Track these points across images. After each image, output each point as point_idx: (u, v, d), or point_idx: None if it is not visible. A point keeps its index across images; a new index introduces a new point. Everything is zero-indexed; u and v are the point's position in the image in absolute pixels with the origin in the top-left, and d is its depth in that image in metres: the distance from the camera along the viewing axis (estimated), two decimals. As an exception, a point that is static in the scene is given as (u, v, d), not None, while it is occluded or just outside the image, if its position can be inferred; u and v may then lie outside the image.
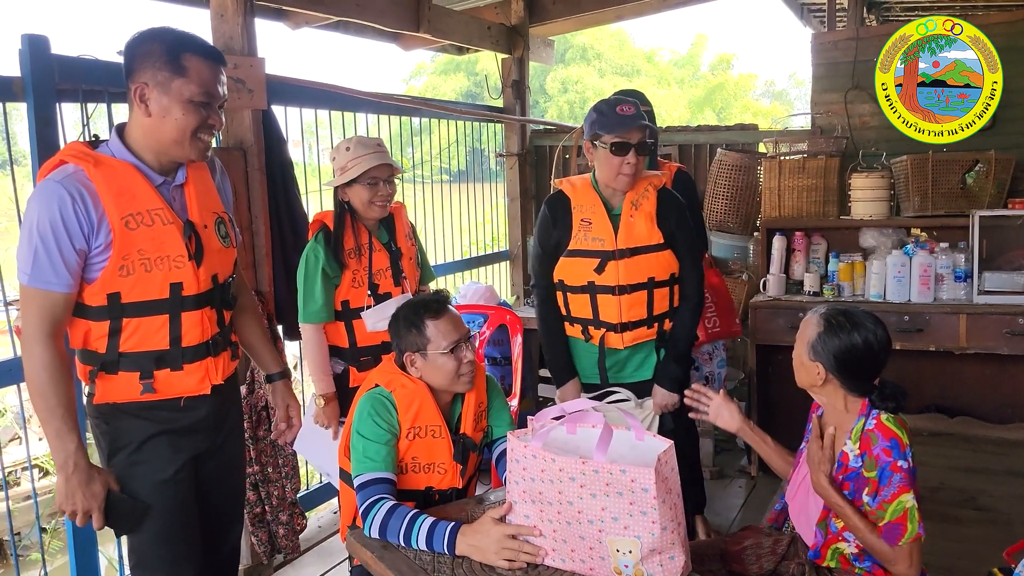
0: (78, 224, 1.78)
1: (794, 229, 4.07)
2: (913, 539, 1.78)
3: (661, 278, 2.66)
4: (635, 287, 2.64)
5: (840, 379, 1.92)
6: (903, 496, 1.78)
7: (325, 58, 52.97)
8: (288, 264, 3.23)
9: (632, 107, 2.54)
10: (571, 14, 5.19)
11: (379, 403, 2.07)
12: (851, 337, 1.88)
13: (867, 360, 1.89)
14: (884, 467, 1.81)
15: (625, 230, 2.62)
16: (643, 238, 2.62)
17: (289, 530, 3.19)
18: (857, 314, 1.93)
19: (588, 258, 2.66)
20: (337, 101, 3.85)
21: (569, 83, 29.14)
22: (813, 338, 1.93)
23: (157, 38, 1.83)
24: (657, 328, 2.70)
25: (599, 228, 2.64)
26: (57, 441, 1.82)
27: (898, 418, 1.87)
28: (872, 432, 1.84)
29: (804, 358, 1.96)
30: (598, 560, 1.69)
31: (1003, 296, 3.53)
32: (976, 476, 2.95)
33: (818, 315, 1.96)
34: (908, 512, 1.78)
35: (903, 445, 1.81)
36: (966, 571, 2.22)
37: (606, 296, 2.65)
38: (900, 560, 1.79)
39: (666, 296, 2.69)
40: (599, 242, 2.64)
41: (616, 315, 2.66)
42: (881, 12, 7.22)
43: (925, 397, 3.90)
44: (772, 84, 37.43)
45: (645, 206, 2.63)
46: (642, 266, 2.64)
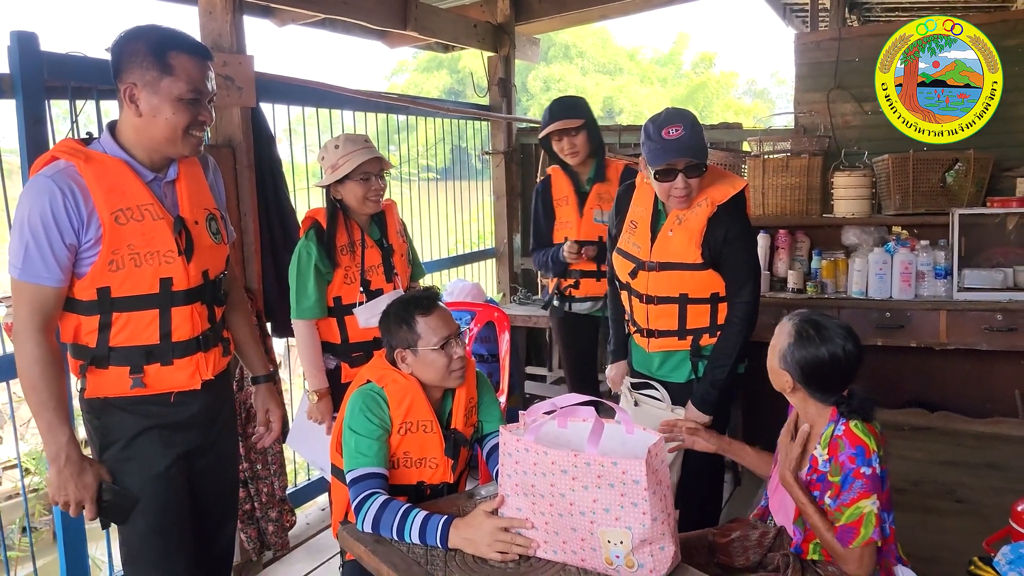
0: (68, 219, 1.80)
1: (778, 227, 4.11)
2: (865, 543, 1.81)
3: (698, 295, 2.56)
4: (664, 299, 2.59)
5: (807, 390, 1.95)
6: (862, 501, 1.81)
7: (307, 55, 52.78)
8: (277, 261, 3.24)
9: (680, 128, 2.40)
10: (556, 13, 5.21)
11: (371, 399, 2.09)
12: (818, 351, 1.90)
13: (834, 374, 1.91)
14: (847, 473, 1.84)
15: (661, 244, 2.57)
16: (678, 255, 2.54)
17: (278, 527, 3.20)
18: (829, 327, 1.93)
19: (628, 260, 2.67)
20: (325, 99, 3.85)
21: (551, 81, 29.16)
22: (784, 347, 1.97)
23: (142, 37, 1.84)
24: (692, 341, 2.60)
25: (640, 234, 2.63)
26: (49, 434, 1.84)
27: (868, 425, 1.89)
28: (840, 439, 1.88)
29: (775, 364, 2.00)
30: (589, 551, 1.72)
31: (982, 293, 3.59)
32: (956, 469, 2.99)
33: (791, 323, 1.98)
34: (864, 517, 1.81)
35: (869, 452, 1.83)
36: (947, 560, 2.26)
37: (638, 301, 2.66)
38: (851, 561, 1.84)
39: (705, 313, 2.58)
40: (636, 248, 2.64)
41: (644, 320, 2.66)
42: (862, 12, 7.30)
43: (906, 392, 3.95)
44: (754, 83, 37.65)
45: (691, 222, 2.51)
46: (674, 281, 2.57)
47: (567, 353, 3.65)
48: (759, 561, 2.04)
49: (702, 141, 2.44)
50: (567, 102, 3.38)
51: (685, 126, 2.41)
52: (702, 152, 2.44)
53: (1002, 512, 2.22)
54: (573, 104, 3.36)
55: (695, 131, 2.42)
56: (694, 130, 2.42)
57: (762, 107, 32.20)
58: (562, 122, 3.25)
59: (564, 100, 3.41)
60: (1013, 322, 3.48)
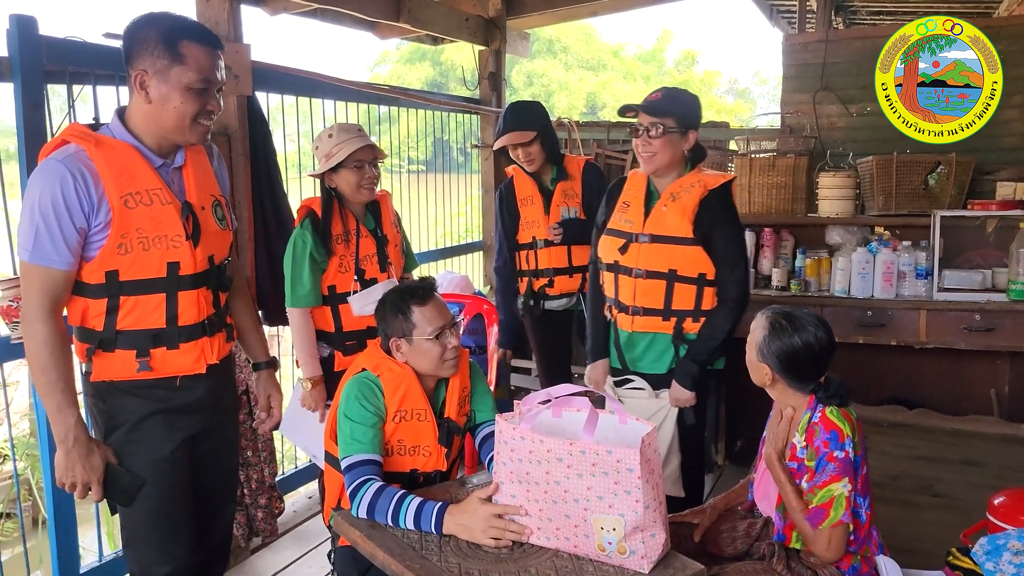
0: (79, 202, 1.81)
1: (763, 225, 4.17)
2: (834, 525, 1.88)
3: (685, 273, 2.64)
4: (653, 275, 2.66)
5: (786, 379, 2.02)
6: (833, 484, 1.89)
7: (291, 43, 52.35)
8: (271, 250, 3.25)
9: (660, 94, 2.63)
10: (547, 8, 5.23)
11: (366, 386, 2.11)
12: (792, 340, 1.98)
13: (809, 361, 1.99)
14: (822, 457, 1.91)
15: (655, 217, 2.67)
16: (670, 228, 2.63)
17: (268, 513, 3.22)
18: (800, 317, 2.02)
19: (617, 237, 2.73)
20: (316, 88, 3.85)
21: (535, 76, 29.11)
22: (760, 340, 2.04)
23: (154, 24, 1.85)
24: (675, 324, 2.67)
25: (633, 211, 2.73)
26: (58, 415, 1.85)
27: (843, 411, 1.96)
28: (816, 425, 1.95)
29: (753, 359, 2.07)
30: (583, 538, 1.75)
31: (961, 293, 3.65)
32: (933, 464, 3.06)
33: (764, 318, 2.06)
34: (835, 500, 1.88)
35: (842, 437, 1.91)
36: (925, 552, 2.32)
37: (626, 278, 2.71)
38: (819, 542, 1.90)
39: (691, 294, 2.64)
40: (628, 224, 2.72)
41: (630, 297, 2.71)
42: (848, 16, 7.39)
43: (886, 389, 4.03)
44: (736, 82, 37.84)
45: (684, 200, 2.63)
46: (664, 255, 2.64)
47: (543, 351, 3.67)
48: (746, 550, 2.10)
49: (677, 111, 2.61)
50: (520, 111, 3.34)
51: (665, 93, 2.63)
52: (669, 117, 2.60)
53: (977, 506, 2.29)
54: (525, 115, 3.32)
55: (674, 101, 2.62)
56: (673, 100, 2.62)
57: (744, 106, 32.39)
58: (512, 135, 3.27)
59: (517, 109, 3.36)
60: (991, 322, 3.56)
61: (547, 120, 3.37)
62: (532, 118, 3.31)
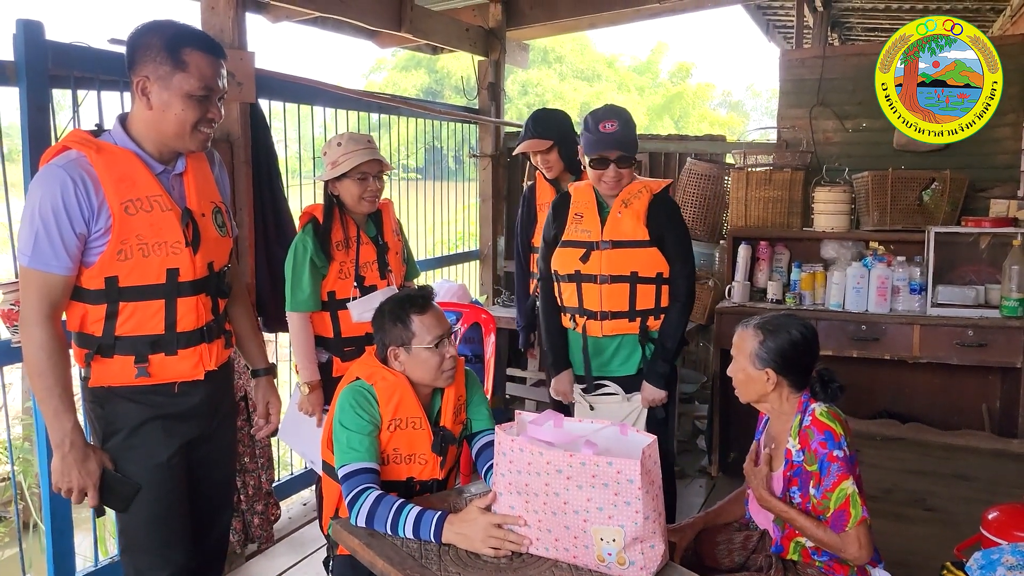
0: (79, 208, 1.82)
1: (759, 238, 4.20)
2: (859, 522, 1.89)
3: (645, 274, 2.76)
4: (617, 279, 2.77)
5: (788, 378, 2.05)
6: (843, 483, 1.90)
7: (288, 51, 52.32)
8: (271, 257, 3.26)
9: (615, 124, 2.69)
10: (547, 20, 5.27)
11: (360, 395, 2.11)
12: (789, 334, 2.04)
13: (806, 351, 2.05)
14: (822, 459, 1.93)
15: (611, 224, 2.77)
16: (628, 233, 2.75)
17: (264, 520, 3.22)
18: (780, 317, 2.10)
19: (576, 248, 2.81)
20: (316, 96, 3.87)
21: (529, 86, 29.14)
22: (755, 348, 2.06)
23: (158, 31, 1.86)
24: (640, 323, 2.79)
25: (588, 221, 2.81)
26: (54, 420, 1.85)
27: (831, 411, 1.99)
28: (809, 428, 1.97)
29: (750, 370, 2.08)
30: (582, 549, 1.76)
31: (954, 309, 3.69)
32: (925, 478, 3.08)
33: (751, 328, 2.09)
34: (850, 498, 1.90)
35: (837, 436, 1.94)
36: (918, 565, 2.34)
37: (590, 285, 2.79)
38: (849, 544, 1.91)
39: (651, 293, 2.78)
40: (586, 233, 2.80)
41: (597, 303, 2.79)
42: (843, 32, 7.45)
43: (879, 403, 4.06)
44: (729, 94, 37.89)
45: (636, 205, 2.76)
46: (626, 260, 2.76)
47: None
48: (743, 563, 2.11)
49: (633, 136, 2.75)
50: (540, 120, 3.40)
51: (620, 123, 2.70)
52: (632, 146, 2.75)
53: (969, 520, 2.31)
54: (544, 123, 3.38)
55: (628, 127, 2.73)
56: (627, 127, 2.72)
57: (737, 119, 32.49)
58: (530, 143, 3.33)
59: (539, 117, 3.42)
60: (983, 338, 3.59)
61: (568, 129, 3.41)
62: (551, 127, 3.38)
